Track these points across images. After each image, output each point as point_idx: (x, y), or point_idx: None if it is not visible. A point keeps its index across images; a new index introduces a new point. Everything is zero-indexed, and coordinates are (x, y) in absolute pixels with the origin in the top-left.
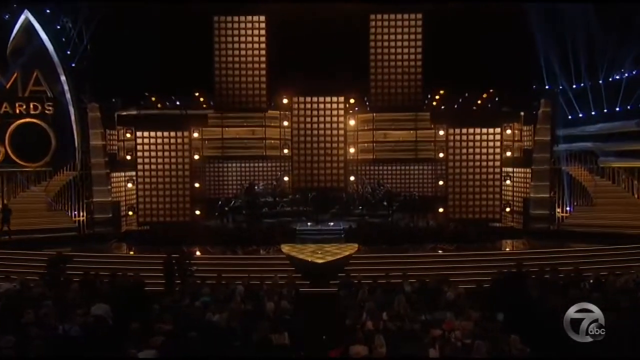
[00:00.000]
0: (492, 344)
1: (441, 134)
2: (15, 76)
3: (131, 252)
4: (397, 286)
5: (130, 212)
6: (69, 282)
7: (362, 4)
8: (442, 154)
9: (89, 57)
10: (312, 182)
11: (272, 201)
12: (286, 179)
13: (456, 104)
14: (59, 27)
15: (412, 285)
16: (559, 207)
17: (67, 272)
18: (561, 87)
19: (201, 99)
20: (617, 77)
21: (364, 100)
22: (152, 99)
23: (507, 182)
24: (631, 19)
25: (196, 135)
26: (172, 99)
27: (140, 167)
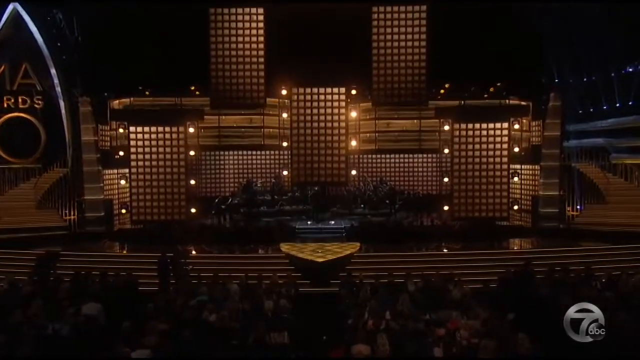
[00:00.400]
0: (499, 343)
1: (446, 128)
2: (2, 69)
3: (124, 252)
4: (400, 286)
5: (123, 210)
6: (59, 281)
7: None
8: (447, 150)
9: (80, 49)
10: (312, 176)
11: (271, 199)
12: (285, 173)
13: (462, 98)
14: (49, 18)
15: (416, 284)
16: (569, 206)
17: (58, 271)
18: (571, 80)
19: (197, 93)
20: (631, 69)
21: (366, 89)
22: (146, 92)
23: (515, 179)
24: None
25: (192, 130)
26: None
27: (133, 163)
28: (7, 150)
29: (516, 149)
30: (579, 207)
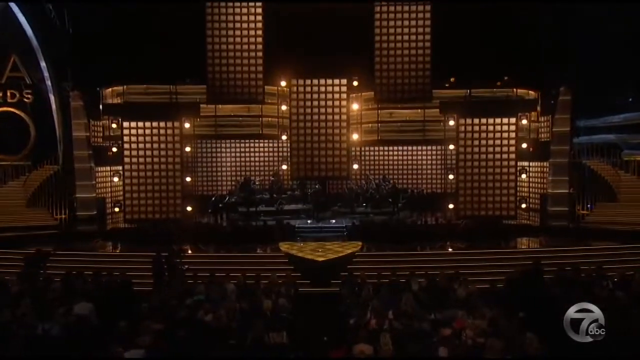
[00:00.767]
0: (507, 343)
1: (451, 124)
2: None
3: (117, 251)
4: (403, 285)
5: (116, 209)
6: (49, 281)
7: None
8: (452, 146)
9: (72, 42)
10: (312, 170)
11: (270, 198)
12: (284, 167)
13: (467, 93)
14: (39, 9)
15: (420, 283)
16: (579, 204)
17: (48, 271)
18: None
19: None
20: None
21: (368, 79)
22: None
23: (523, 176)
24: None
25: (187, 125)
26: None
27: (127, 160)
28: None
29: (524, 145)
30: (589, 205)
